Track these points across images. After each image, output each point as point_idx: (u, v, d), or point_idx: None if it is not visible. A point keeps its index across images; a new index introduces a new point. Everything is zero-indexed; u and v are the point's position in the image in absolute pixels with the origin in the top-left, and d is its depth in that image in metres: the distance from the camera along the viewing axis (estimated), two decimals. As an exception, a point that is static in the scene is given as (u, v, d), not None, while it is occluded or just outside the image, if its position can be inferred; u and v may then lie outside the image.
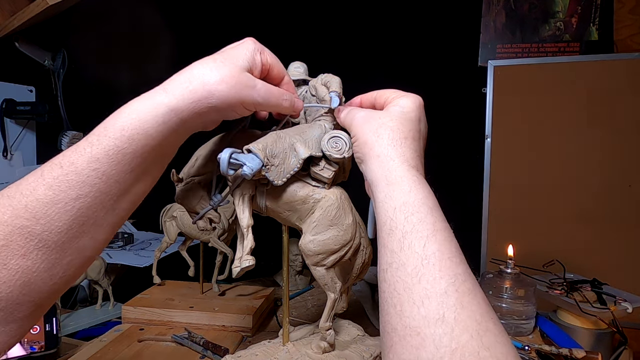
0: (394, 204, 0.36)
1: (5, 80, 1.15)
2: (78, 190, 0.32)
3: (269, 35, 1.19)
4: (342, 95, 0.49)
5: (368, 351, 0.58)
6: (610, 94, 1.03)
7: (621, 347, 0.71)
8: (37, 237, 0.32)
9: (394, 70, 1.17)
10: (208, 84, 0.37)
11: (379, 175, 0.38)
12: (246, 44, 0.41)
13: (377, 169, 0.39)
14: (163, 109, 0.36)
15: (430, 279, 0.31)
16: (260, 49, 0.42)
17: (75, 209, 0.33)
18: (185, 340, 0.69)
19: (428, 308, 0.30)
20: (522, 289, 0.73)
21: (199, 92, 0.37)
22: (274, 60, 0.44)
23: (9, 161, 1.16)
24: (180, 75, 0.38)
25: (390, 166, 0.38)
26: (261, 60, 0.42)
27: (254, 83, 0.40)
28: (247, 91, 0.39)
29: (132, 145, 0.34)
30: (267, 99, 0.42)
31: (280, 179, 0.46)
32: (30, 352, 0.64)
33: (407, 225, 0.34)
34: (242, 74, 0.39)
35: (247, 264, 0.46)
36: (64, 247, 0.33)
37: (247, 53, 0.41)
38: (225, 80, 0.38)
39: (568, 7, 1.10)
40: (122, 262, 1.01)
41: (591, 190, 1.04)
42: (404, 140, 0.39)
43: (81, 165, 0.33)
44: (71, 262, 0.34)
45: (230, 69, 0.38)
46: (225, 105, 0.38)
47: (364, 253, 0.54)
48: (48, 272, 0.33)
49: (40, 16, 1.02)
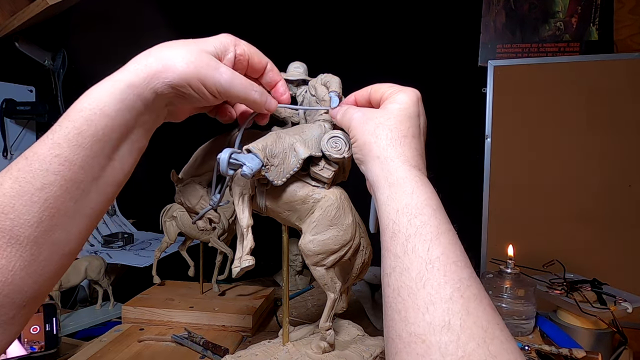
0: (396, 206, 0.35)
1: (5, 80, 1.15)
2: (42, 179, 0.32)
3: (269, 35, 1.19)
4: (341, 95, 0.49)
5: (368, 351, 0.58)
6: (610, 94, 1.03)
7: (621, 347, 0.71)
8: (8, 233, 0.31)
9: (394, 70, 1.17)
10: (164, 59, 0.36)
11: (379, 176, 0.37)
12: (221, 36, 0.41)
13: (378, 170, 0.38)
14: (119, 85, 0.35)
15: (435, 284, 0.30)
16: (235, 42, 0.41)
17: (42, 199, 0.32)
18: (185, 340, 0.69)
19: (433, 315, 0.29)
20: (522, 289, 0.73)
21: (154, 66, 0.36)
22: (252, 50, 0.43)
23: (9, 161, 1.16)
24: (141, 54, 0.37)
25: (390, 167, 0.37)
26: (235, 52, 0.41)
27: (217, 65, 0.39)
28: (208, 70, 0.38)
29: (90, 126, 0.33)
30: (232, 84, 0.40)
31: (280, 179, 0.46)
32: (30, 352, 0.64)
33: (410, 228, 0.33)
34: (204, 54, 0.38)
35: (247, 264, 0.46)
36: (38, 242, 0.32)
37: (216, 40, 0.40)
38: (184, 57, 0.37)
39: (568, 7, 1.10)
40: (122, 262, 1.01)
41: (591, 190, 1.04)
42: (404, 138, 0.38)
43: (43, 153, 0.32)
44: (48, 259, 0.33)
45: (191, 49, 0.38)
46: (182, 81, 0.37)
47: (363, 253, 0.54)
48: (25, 270, 0.32)
49: (40, 16, 1.02)
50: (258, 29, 1.17)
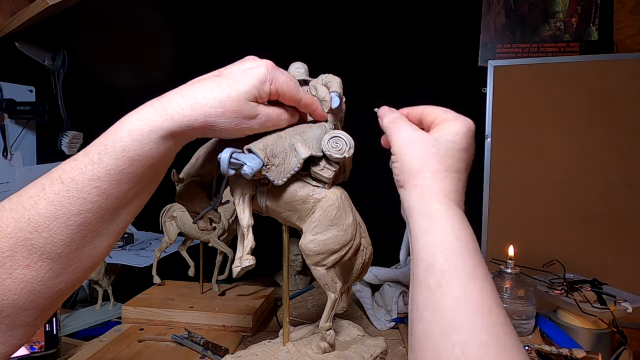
0: (433, 240, 0.34)
1: (5, 80, 1.15)
2: (79, 206, 0.33)
3: (270, 35, 1.19)
4: (342, 95, 0.49)
5: (368, 351, 0.58)
6: (610, 94, 1.03)
7: (621, 347, 0.71)
8: (40, 250, 0.32)
9: (395, 70, 1.17)
10: (209, 116, 0.37)
11: (418, 207, 0.37)
12: (258, 70, 0.40)
13: (417, 200, 0.37)
14: (163, 132, 0.35)
15: (470, 327, 0.29)
16: (272, 78, 0.40)
17: (76, 223, 0.33)
18: (185, 340, 0.69)
19: None
20: (522, 289, 0.73)
21: (199, 121, 0.36)
22: (285, 87, 0.42)
23: (9, 161, 1.16)
24: (182, 97, 0.37)
25: (431, 200, 0.36)
26: (269, 91, 0.40)
27: (256, 112, 0.40)
28: (247, 123, 0.39)
29: (132, 165, 0.35)
30: (265, 124, 0.41)
31: (281, 179, 0.46)
32: (30, 352, 0.64)
33: (446, 264, 0.33)
34: (245, 104, 0.38)
35: (248, 264, 0.46)
36: (68, 257, 0.34)
37: (256, 82, 0.39)
38: (227, 113, 0.37)
39: (568, 7, 1.10)
40: (122, 262, 1.01)
41: (591, 190, 1.04)
42: (449, 173, 0.38)
43: (82, 182, 0.33)
44: (76, 269, 0.35)
45: (233, 100, 0.37)
46: (222, 134, 0.39)
47: (364, 253, 0.54)
48: (53, 281, 0.34)
49: (40, 16, 1.02)
50: (259, 29, 1.17)
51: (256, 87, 0.39)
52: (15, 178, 1.13)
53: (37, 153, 1.24)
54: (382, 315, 0.82)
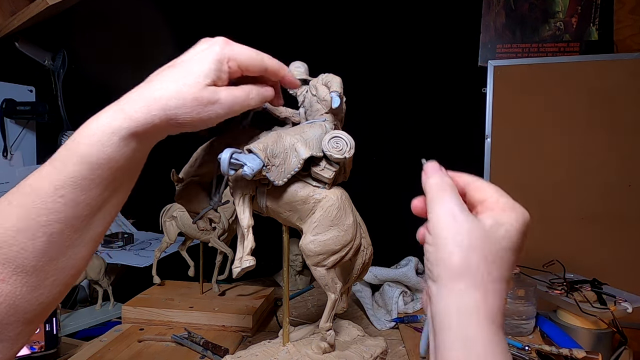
0: (464, 356, 0.29)
1: (5, 80, 1.15)
2: (46, 217, 0.32)
3: (270, 35, 1.19)
4: (342, 95, 0.49)
5: (368, 351, 0.58)
6: (610, 94, 1.03)
7: (621, 347, 0.71)
8: (13, 263, 0.31)
9: (395, 70, 1.17)
10: (168, 109, 0.35)
11: (453, 322, 0.30)
12: (211, 50, 0.37)
13: (454, 311, 0.30)
14: (124, 133, 0.34)
15: None
16: (228, 57, 0.38)
17: (46, 235, 0.32)
18: (185, 340, 0.69)
19: None
20: (522, 289, 0.73)
21: (158, 116, 0.35)
22: (245, 58, 0.39)
23: (9, 161, 1.16)
24: (139, 96, 0.35)
25: (471, 315, 0.30)
26: (228, 69, 0.38)
27: (217, 97, 0.37)
28: (209, 109, 0.37)
29: (96, 170, 0.33)
30: (232, 108, 0.38)
31: (281, 179, 0.46)
32: (30, 352, 0.64)
33: None
34: (204, 90, 0.36)
35: (248, 264, 0.46)
36: (44, 270, 0.33)
37: (211, 64, 0.37)
38: (186, 103, 0.35)
39: (568, 7, 1.10)
40: (122, 262, 1.01)
41: (591, 190, 1.04)
42: (496, 284, 0.30)
43: (46, 192, 0.32)
44: (55, 282, 0.34)
45: (190, 87, 0.36)
46: (187, 127, 0.37)
47: (364, 253, 0.54)
48: (32, 294, 0.33)
49: (40, 16, 1.02)
50: (259, 29, 1.17)
51: (212, 69, 0.37)
52: (15, 178, 1.13)
53: (37, 153, 1.24)
54: (382, 315, 0.82)
